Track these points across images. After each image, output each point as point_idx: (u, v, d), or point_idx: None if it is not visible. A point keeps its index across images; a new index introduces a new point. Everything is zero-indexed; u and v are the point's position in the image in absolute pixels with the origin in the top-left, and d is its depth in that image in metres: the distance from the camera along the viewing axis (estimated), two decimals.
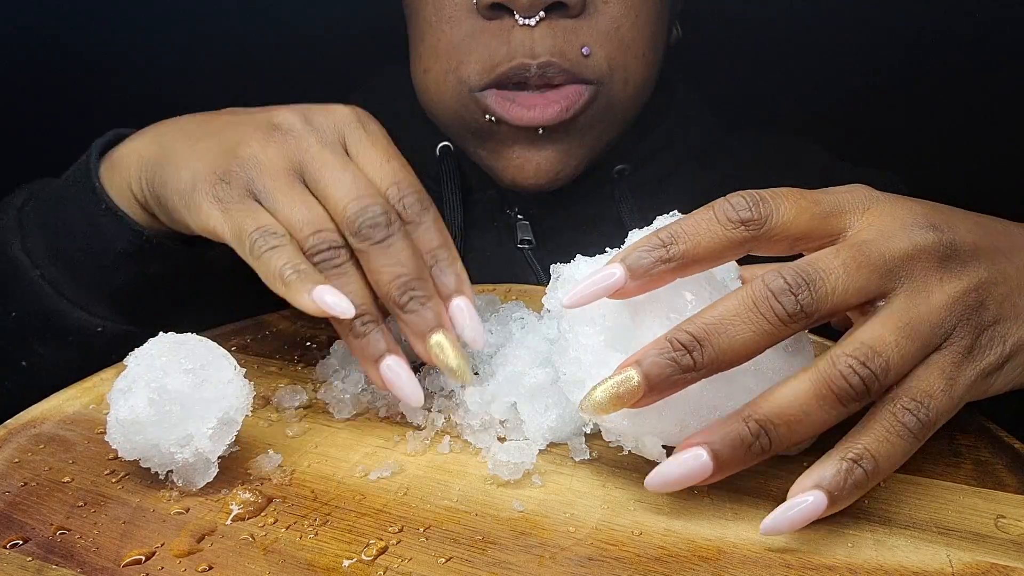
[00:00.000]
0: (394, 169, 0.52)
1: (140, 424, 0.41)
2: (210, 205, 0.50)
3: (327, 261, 0.48)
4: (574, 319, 0.44)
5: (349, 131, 0.52)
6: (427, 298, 0.48)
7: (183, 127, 0.56)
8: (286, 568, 0.37)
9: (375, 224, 0.48)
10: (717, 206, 0.41)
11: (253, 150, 0.50)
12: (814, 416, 0.38)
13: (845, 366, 0.38)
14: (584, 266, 0.45)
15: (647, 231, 0.44)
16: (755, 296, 0.39)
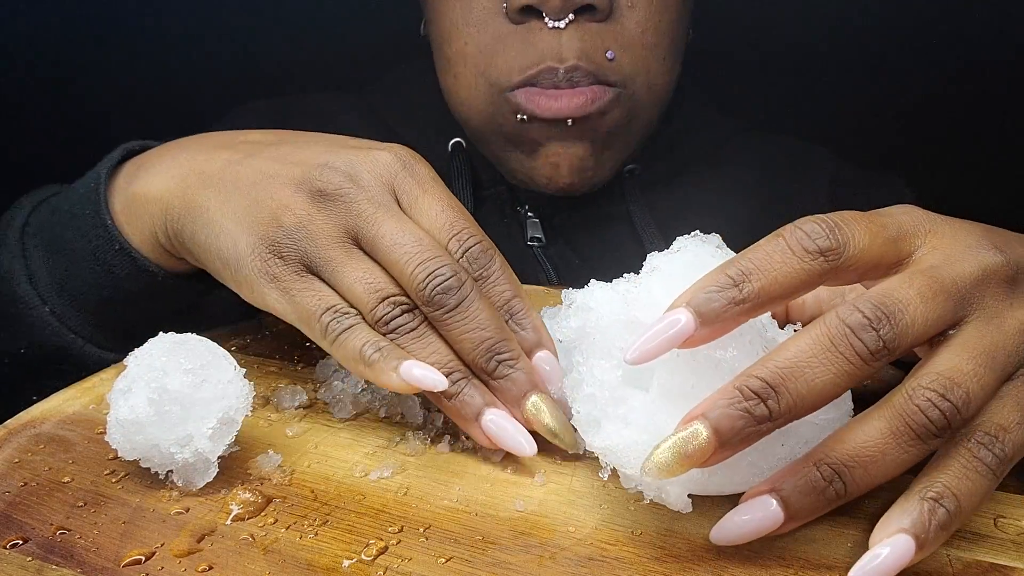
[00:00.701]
0: (451, 219, 0.48)
1: (140, 424, 0.41)
2: (266, 283, 0.47)
3: (401, 327, 0.46)
4: (588, 351, 0.41)
5: (398, 181, 0.49)
6: (515, 360, 0.46)
7: (207, 168, 0.51)
8: (286, 568, 0.37)
9: (447, 290, 0.45)
10: (789, 234, 0.37)
11: (300, 219, 0.47)
12: (891, 456, 0.35)
13: (924, 400, 0.35)
14: (598, 292, 0.42)
15: (667, 254, 0.41)
16: (832, 334, 0.35)
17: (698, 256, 0.42)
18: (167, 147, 0.56)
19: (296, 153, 0.50)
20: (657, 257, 0.42)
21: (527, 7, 0.66)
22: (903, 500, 0.36)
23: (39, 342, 0.57)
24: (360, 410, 0.51)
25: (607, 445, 0.39)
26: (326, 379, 0.54)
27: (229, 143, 0.53)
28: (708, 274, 0.37)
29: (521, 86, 0.69)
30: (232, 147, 0.53)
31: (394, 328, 0.46)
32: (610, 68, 0.68)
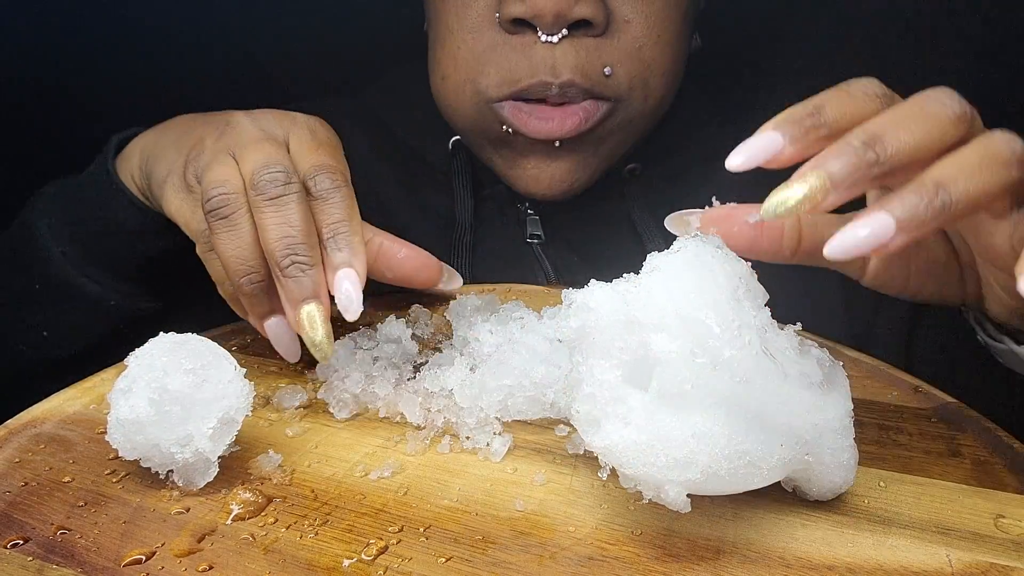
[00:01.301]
0: (321, 156, 0.53)
1: (141, 424, 0.41)
2: (173, 194, 0.55)
3: (217, 211, 0.50)
4: (588, 351, 0.41)
5: (294, 131, 0.55)
6: (309, 265, 0.49)
7: (177, 125, 0.61)
8: (286, 568, 0.37)
9: (273, 180, 0.49)
10: (854, 87, 0.42)
11: (203, 145, 0.55)
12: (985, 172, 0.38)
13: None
14: (598, 292, 0.42)
15: (668, 255, 0.41)
16: (923, 103, 0.40)
17: (698, 256, 0.42)
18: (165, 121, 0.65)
19: (235, 112, 0.58)
20: (657, 257, 0.42)
21: (520, 19, 0.65)
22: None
23: (50, 278, 0.66)
24: (360, 410, 0.51)
25: (607, 445, 0.39)
26: (326, 379, 0.54)
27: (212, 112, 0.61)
28: (787, 109, 0.43)
29: (510, 98, 0.68)
30: (210, 113, 0.60)
31: (211, 212, 0.50)
32: (606, 84, 0.67)
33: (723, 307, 0.39)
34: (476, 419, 0.48)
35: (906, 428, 0.50)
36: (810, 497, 0.42)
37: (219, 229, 0.50)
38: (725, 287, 0.40)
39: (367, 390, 0.51)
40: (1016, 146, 0.40)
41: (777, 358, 0.39)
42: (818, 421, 0.39)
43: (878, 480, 0.45)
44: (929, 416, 0.52)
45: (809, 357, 0.41)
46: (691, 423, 0.37)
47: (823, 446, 0.40)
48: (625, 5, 0.67)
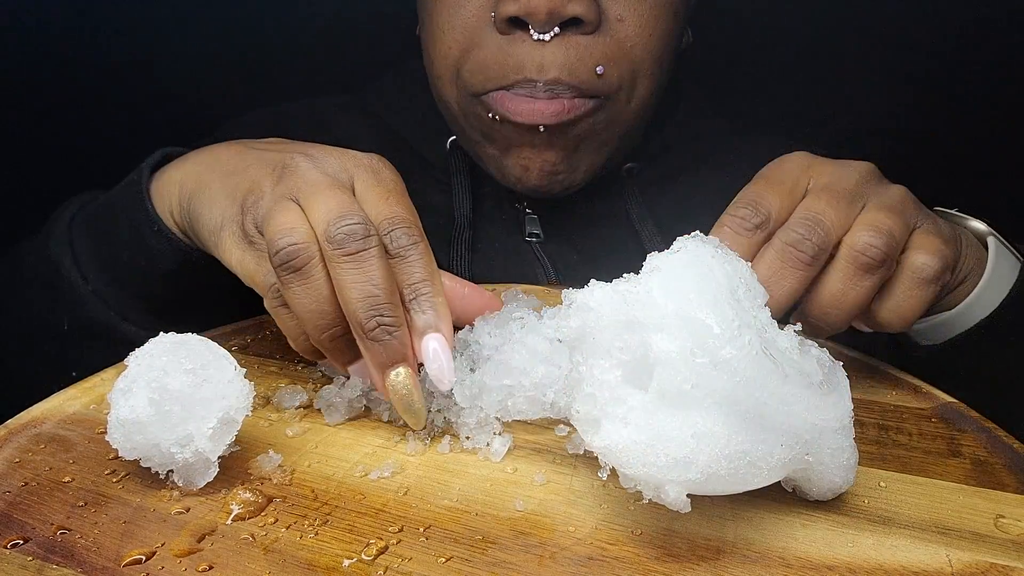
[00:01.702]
0: (392, 206, 0.50)
1: (141, 424, 0.41)
2: (232, 245, 0.52)
3: (286, 264, 0.46)
4: (588, 351, 0.41)
5: (358, 173, 0.52)
6: (395, 327, 0.46)
7: (220, 159, 0.57)
8: (286, 568, 0.37)
9: (351, 233, 0.46)
10: (726, 228, 0.51)
11: (261, 190, 0.51)
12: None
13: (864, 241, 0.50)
14: (598, 292, 0.42)
15: (667, 255, 0.42)
16: (781, 254, 0.50)
17: (698, 256, 0.42)
18: (203, 148, 0.61)
19: (293, 145, 0.55)
20: (657, 257, 0.42)
21: (514, 18, 0.66)
22: None
23: (80, 317, 0.63)
24: (353, 416, 0.51)
25: (606, 445, 0.39)
26: (335, 375, 0.53)
27: (248, 142, 0.59)
28: None
29: (491, 91, 0.68)
30: (248, 144, 0.58)
31: (282, 265, 0.47)
32: (594, 83, 0.67)
33: (723, 307, 0.39)
34: (476, 419, 0.48)
35: (906, 428, 0.50)
36: (810, 497, 0.42)
37: (292, 283, 0.47)
38: (725, 287, 0.40)
39: (368, 396, 0.51)
40: (875, 253, 0.50)
41: (777, 358, 0.39)
42: (818, 421, 0.39)
43: (878, 480, 0.45)
44: (929, 416, 0.52)
45: (809, 357, 0.41)
46: (691, 423, 0.37)
47: (823, 446, 0.40)
48: (618, 3, 0.67)
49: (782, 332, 0.42)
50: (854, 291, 0.50)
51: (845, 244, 0.50)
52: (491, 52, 0.68)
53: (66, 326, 0.63)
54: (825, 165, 0.55)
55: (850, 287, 0.50)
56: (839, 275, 0.50)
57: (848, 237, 0.50)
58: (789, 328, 0.42)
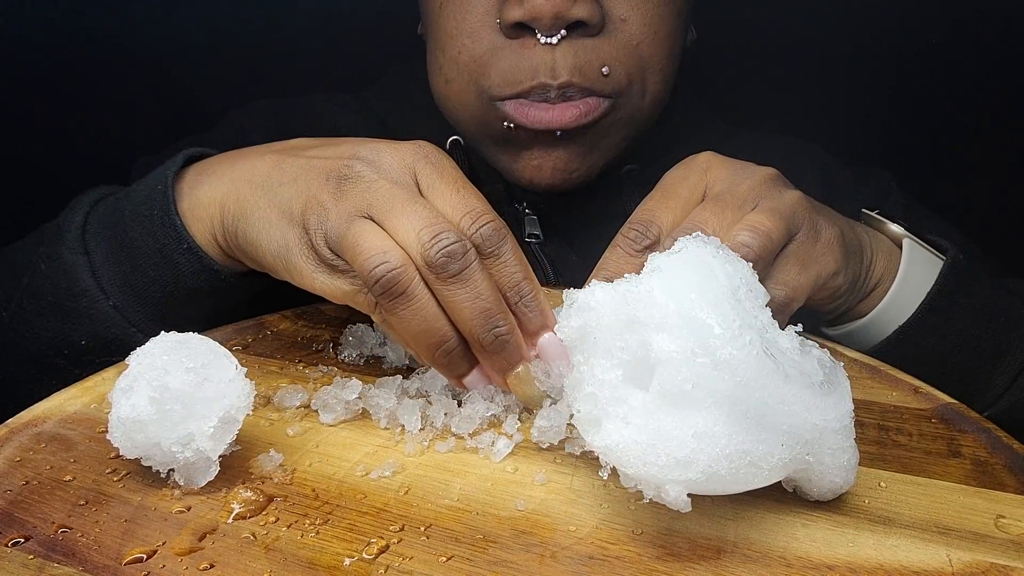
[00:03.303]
0: (466, 199, 0.50)
1: (142, 423, 0.41)
2: (312, 269, 0.50)
3: (387, 292, 0.46)
4: (589, 351, 0.41)
5: (419, 167, 0.51)
6: (511, 334, 0.48)
7: (257, 171, 0.55)
8: (287, 567, 0.37)
9: (451, 254, 0.46)
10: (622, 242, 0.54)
11: (324, 206, 0.50)
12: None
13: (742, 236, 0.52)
14: (599, 292, 0.42)
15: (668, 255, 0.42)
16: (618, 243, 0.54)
17: (699, 256, 0.42)
18: (228, 155, 0.60)
19: (333, 148, 0.54)
20: (659, 257, 0.42)
21: (519, 23, 0.66)
22: None
23: (100, 334, 0.59)
24: (350, 416, 0.51)
25: (607, 444, 0.39)
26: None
27: (280, 147, 0.57)
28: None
29: (512, 98, 0.69)
30: (281, 151, 0.56)
31: (383, 294, 0.46)
32: (605, 82, 0.68)
33: (724, 307, 0.39)
34: (479, 420, 0.48)
35: (906, 428, 0.50)
36: (811, 497, 0.42)
37: (396, 309, 0.47)
38: (726, 287, 0.40)
39: (367, 398, 0.51)
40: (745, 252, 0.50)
41: (778, 358, 0.39)
42: (819, 421, 0.39)
43: (878, 480, 0.45)
44: (929, 416, 0.52)
45: (810, 357, 0.41)
46: (692, 423, 0.37)
47: (824, 446, 0.40)
48: (620, 5, 0.68)
49: (783, 332, 0.42)
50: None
51: (724, 241, 0.50)
52: (503, 56, 0.68)
53: (84, 343, 0.59)
54: (724, 169, 0.57)
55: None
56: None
57: (728, 235, 0.52)
58: (790, 328, 0.42)
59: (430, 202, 0.49)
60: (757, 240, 0.51)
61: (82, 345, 0.59)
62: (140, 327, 0.59)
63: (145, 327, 0.59)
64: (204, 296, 0.59)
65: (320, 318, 0.64)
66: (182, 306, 0.60)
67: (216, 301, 0.60)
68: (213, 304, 0.61)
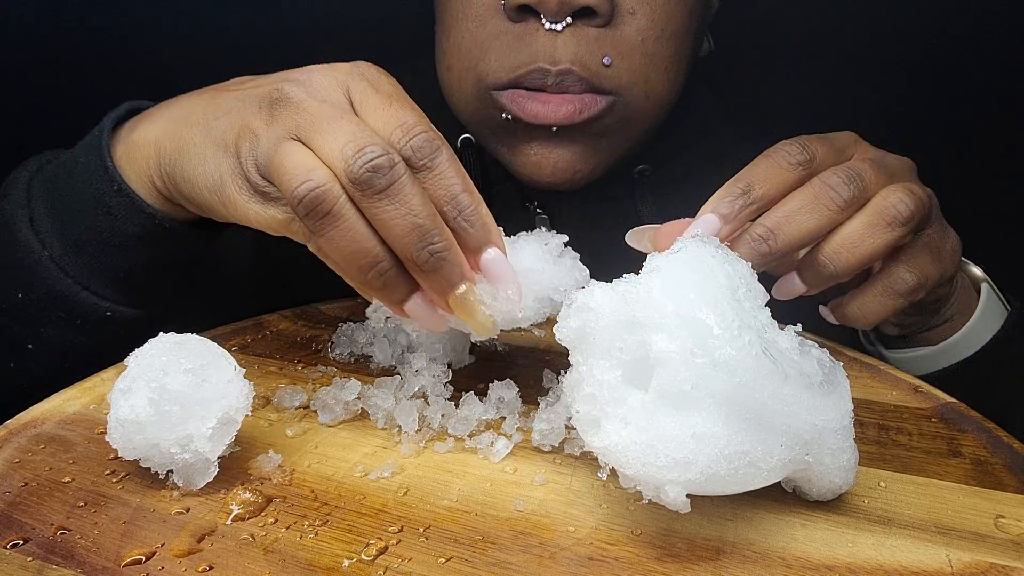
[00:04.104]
0: (399, 112, 0.46)
1: (140, 424, 0.41)
2: (246, 201, 0.49)
3: (311, 212, 0.44)
4: (588, 351, 0.41)
5: (353, 85, 0.48)
6: (447, 250, 0.45)
7: (194, 109, 0.53)
8: (286, 568, 0.37)
9: (376, 168, 0.43)
10: (776, 153, 0.53)
11: (256, 133, 0.48)
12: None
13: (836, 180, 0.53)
14: (598, 292, 0.42)
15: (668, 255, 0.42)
16: (819, 192, 0.51)
17: (698, 257, 0.42)
18: (168, 100, 0.58)
19: (269, 77, 0.52)
20: (657, 258, 0.42)
21: (525, 6, 0.65)
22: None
23: (36, 286, 0.58)
24: (349, 417, 0.51)
25: (606, 445, 0.39)
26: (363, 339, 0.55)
27: (220, 85, 0.55)
28: (723, 187, 0.53)
29: (508, 86, 0.67)
30: (219, 87, 0.55)
31: (307, 215, 0.44)
32: (605, 75, 0.66)
33: (723, 307, 0.39)
34: (476, 421, 0.48)
35: (906, 428, 0.50)
36: (810, 497, 0.42)
37: (322, 230, 0.45)
38: (725, 287, 0.40)
39: (365, 398, 0.51)
40: (904, 208, 0.52)
41: (777, 358, 0.39)
42: (818, 422, 0.39)
43: (878, 480, 0.45)
44: (929, 416, 0.52)
45: (809, 357, 0.41)
46: (691, 423, 0.37)
47: (823, 446, 0.40)
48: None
49: (782, 332, 0.42)
50: (871, 240, 0.51)
51: (877, 197, 0.52)
52: (504, 41, 0.67)
53: (21, 295, 0.58)
54: (870, 146, 0.58)
55: (868, 234, 0.51)
56: (863, 220, 0.52)
57: (881, 193, 0.52)
58: (789, 328, 0.42)
59: (362, 119, 0.47)
60: (913, 201, 0.51)
61: (19, 298, 0.58)
62: (78, 279, 0.58)
63: (84, 279, 0.58)
64: (142, 244, 0.57)
65: (320, 318, 0.64)
66: (120, 256, 0.58)
67: (154, 250, 0.58)
68: (152, 254, 0.58)
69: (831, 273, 0.53)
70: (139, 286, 0.60)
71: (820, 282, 0.54)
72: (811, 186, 0.52)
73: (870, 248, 0.52)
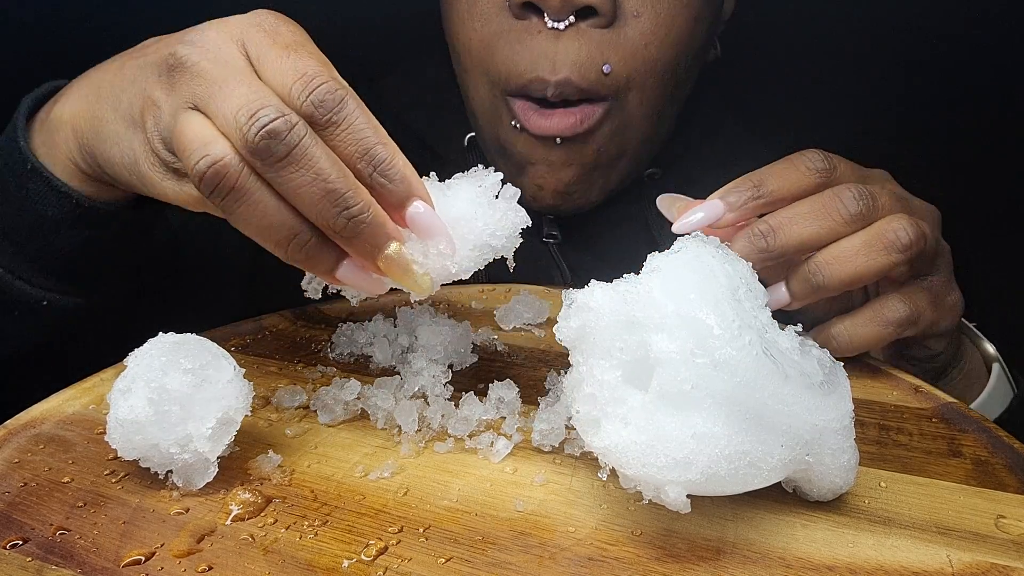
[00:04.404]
0: (297, 62, 0.42)
1: (140, 424, 0.41)
2: (160, 178, 0.46)
3: (214, 191, 0.41)
4: (588, 351, 0.41)
5: (249, 38, 0.44)
6: (365, 212, 0.41)
7: (103, 83, 0.50)
8: (286, 568, 0.37)
9: (272, 133, 0.39)
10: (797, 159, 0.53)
11: (159, 105, 0.45)
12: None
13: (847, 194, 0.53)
14: (598, 292, 0.41)
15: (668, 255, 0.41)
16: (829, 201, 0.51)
17: (698, 257, 0.42)
18: (84, 74, 0.54)
19: (169, 38, 0.48)
20: (658, 257, 0.42)
21: (528, 3, 0.65)
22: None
23: None
24: (349, 417, 0.50)
25: (606, 445, 0.39)
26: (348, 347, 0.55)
27: (127, 52, 0.51)
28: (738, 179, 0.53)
29: (517, 93, 0.68)
30: (125, 55, 0.51)
31: (210, 194, 0.41)
32: (603, 83, 0.66)
33: (723, 307, 0.39)
34: (476, 422, 0.48)
35: (906, 428, 0.50)
36: (811, 498, 0.42)
37: (229, 207, 0.42)
38: (726, 287, 0.40)
39: (365, 398, 0.51)
40: (903, 235, 0.50)
41: (777, 359, 0.39)
42: (819, 422, 0.39)
43: (878, 480, 0.45)
44: (929, 416, 0.52)
45: (810, 357, 0.41)
46: (691, 423, 0.37)
47: (824, 447, 0.40)
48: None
49: (783, 332, 0.42)
50: (864, 258, 0.50)
51: (881, 220, 0.51)
52: (509, 40, 0.67)
53: None
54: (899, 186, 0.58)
55: (862, 252, 0.51)
56: (861, 238, 0.51)
57: (886, 217, 0.51)
58: (790, 329, 0.42)
59: (260, 76, 0.43)
60: (915, 232, 0.51)
61: None
62: (9, 267, 0.55)
63: (15, 267, 0.55)
64: (67, 228, 0.54)
65: (319, 318, 0.64)
66: (46, 241, 0.54)
67: (83, 234, 0.54)
68: (82, 238, 0.55)
69: (818, 283, 0.52)
70: (73, 272, 0.57)
71: (806, 292, 0.53)
72: (822, 195, 0.52)
73: (861, 267, 0.51)
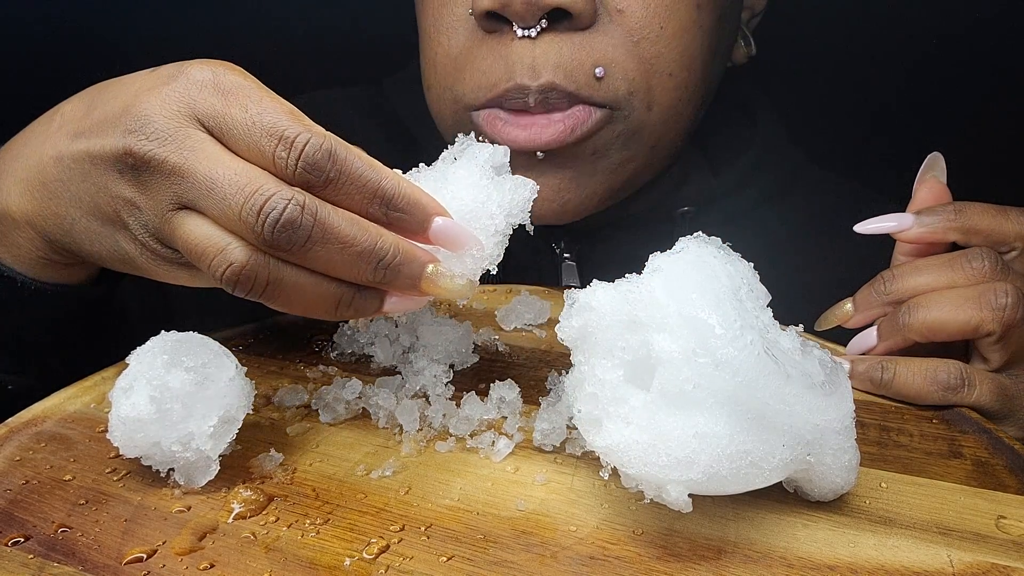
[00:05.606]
0: (263, 123, 0.40)
1: (141, 422, 0.41)
2: (167, 270, 0.46)
3: (249, 293, 0.41)
4: (590, 351, 0.41)
5: (199, 108, 0.41)
6: (396, 254, 0.42)
7: (47, 176, 0.47)
8: (288, 566, 0.37)
9: (287, 224, 0.39)
10: (1014, 213, 0.54)
11: (136, 205, 0.43)
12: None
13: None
14: (600, 292, 0.41)
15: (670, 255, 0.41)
16: (979, 292, 0.50)
17: (700, 257, 0.42)
18: (10, 146, 0.52)
19: (99, 124, 0.45)
20: (660, 257, 0.42)
21: (493, 13, 0.57)
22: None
23: None
24: (350, 416, 0.50)
25: (608, 444, 0.39)
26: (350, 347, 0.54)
27: (48, 132, 0.48)
28: (941, 204, 0.55)
29: (486, 106, 0.60)
30: (53, 136, 0.48)
31: (248, 292, 0.41)
32: (597, 87, 0.58)
33: (725, 307, 0.39)
34: (477, 421, 0.48)
35: (907, 429, 0.50)
36: (812, 498, 0.42)
37: (271, 299, 0.42)
38: (727, 287, 0.40)
39: (366, 398, 0.51)
40: (1002, 297, 0.49)
41: (779, 359, 0.39)
42: (820, 422, 0.39)
43: (879, 481, 0.45)
44: (930, 417, 0.52)
45: (811, 358, 0.41)
46: (693, 423, 0.37)
47: (825, 447, 0.40)
48: None
49: (784, 333, 0.42)
50: (951, 308, 0.50)
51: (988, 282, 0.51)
52: (479, 54, 0.60)
53: None
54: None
55: (953, 303, 0.50)
56: (961, 292, 0.51)
57: (995, 280, 0.51)
58: (791, 329, 0.42)
59: (231, 149, 0.41)
60: (1014, 299, 0.49)
61: None
62: None
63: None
64: (11, 309, 0.51)
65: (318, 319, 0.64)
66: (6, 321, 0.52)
67: (32, 314, 0.52)
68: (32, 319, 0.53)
69: (903, 322, 0.51)
70: (30, 355, 0.55)
71: (891, 332, 0.53)
72: (965, 266, 0.52)
73: (947, 314, 0.50)
